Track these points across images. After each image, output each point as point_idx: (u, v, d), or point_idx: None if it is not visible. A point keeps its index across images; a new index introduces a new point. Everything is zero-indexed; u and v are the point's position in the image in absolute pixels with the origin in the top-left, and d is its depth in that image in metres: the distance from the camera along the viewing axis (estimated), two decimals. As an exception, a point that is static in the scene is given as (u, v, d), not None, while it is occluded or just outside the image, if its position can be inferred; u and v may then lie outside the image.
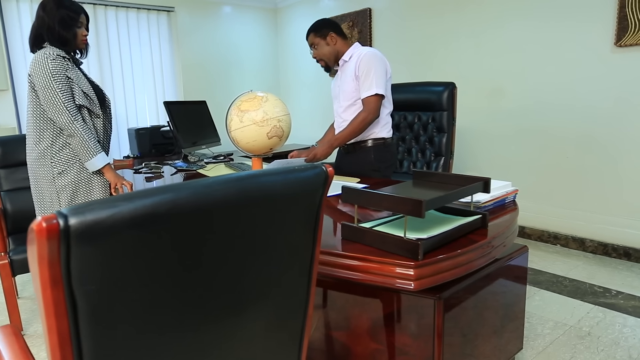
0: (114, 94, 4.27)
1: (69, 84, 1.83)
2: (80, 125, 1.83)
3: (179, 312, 0.71)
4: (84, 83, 1.90)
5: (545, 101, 3.10)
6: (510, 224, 1.37)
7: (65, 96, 1.81)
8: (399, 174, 2.72)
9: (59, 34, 1.85)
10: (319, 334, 1.48)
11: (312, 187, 0.85)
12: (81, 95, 1.86)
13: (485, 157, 3.50)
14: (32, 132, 1.87)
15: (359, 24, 4.29)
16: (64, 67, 1.83)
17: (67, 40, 1.87)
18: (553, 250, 3.08)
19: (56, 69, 1.80)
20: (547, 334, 2.01)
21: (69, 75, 1.84)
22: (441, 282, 1.11)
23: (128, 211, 0.60)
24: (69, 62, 1.88)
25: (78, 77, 1.88)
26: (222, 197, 0.70)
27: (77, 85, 1.85)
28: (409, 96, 2.76)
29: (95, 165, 1.87)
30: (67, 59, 1.87)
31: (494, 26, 3.32)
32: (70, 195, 1.89)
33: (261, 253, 0.81)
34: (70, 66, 1.87)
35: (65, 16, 1.86)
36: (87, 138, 1.83)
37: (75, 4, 1.93)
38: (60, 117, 1.80)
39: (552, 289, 2.46)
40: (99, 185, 1.95)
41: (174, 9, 4.51)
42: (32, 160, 1.89)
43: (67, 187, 1.88)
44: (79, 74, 1.91)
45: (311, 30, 2.16)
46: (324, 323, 1.46)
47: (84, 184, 1.91)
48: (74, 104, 1.84)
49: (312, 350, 1.51)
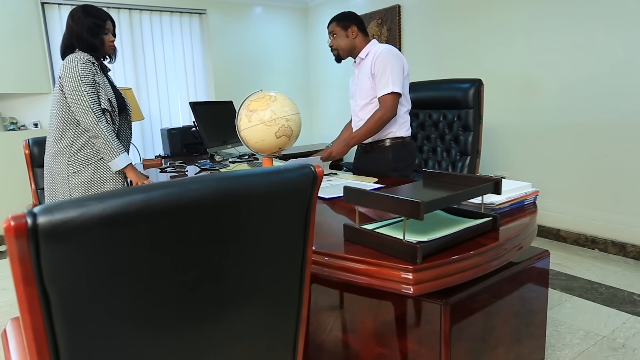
0: (149, 95, 4.42)
1: (96, 88, 1.91)
2: (105, 127, 1.90)
3: (156, 311, 0.71)
4: (108, 89, 1.98)
5: (581, 97, 2.93)
6: (526, 227, 1.30)
7: (92, 99, 1.89)
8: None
9: (88, 41, 1.94)
10: (327, 336, 1.47)
11: (299, 187, 0.84)
12: (106, 101, 1.94)
13: (518, 156, 3.35)
14: (54, 131, 1.96)
15: (388, 21, 4.22)
16: (92, 72, 1.91)
17: (96, 47, 1.96)
18: (590, 255, 2.91)
19: (85, 73, 1.88)
20: (576, 344, 1.90)
21: (96, 80, 1.92)
22: (443, 287, 1.06)
23: (98, 211, 0.61)
24: (97, 68, 1.96)
25: (104, 83, 1.97)
26: (197, 198, 0.70)
27: (103, 91, 1.93)
28: (434, 94, 2.68)
29: (118, 165, 1.94)
30: (95, 64, 1.95)
31: (527, 20, 3.17)
32: (82, 195, 1.97)
33: (247, 253, 0.80)
34: (98, 72, 1.95)
35: (92, 24, 1.94)
36: (110, 139, 1.91)
37: (101, 11, 2.02)
38: (86, 118, 1.88)
39: (586, 296, 2.32)
40: (110, 187, 2.01)
41: (206, 12, 4.61)
42: (50, 156, 1.98)
43: (80, 186, 1.96)
44: (105, 80, 2.00)
45: (334, 19, 2.14)
46: (332, 325, 1.44)
47: (96, 185, 1.98)
48: (99, 107, 1.92)
49: (319, 352, 1.49)
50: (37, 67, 3.75)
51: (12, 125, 3.71)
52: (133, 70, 4.29)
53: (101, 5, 3.99)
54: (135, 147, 3.81)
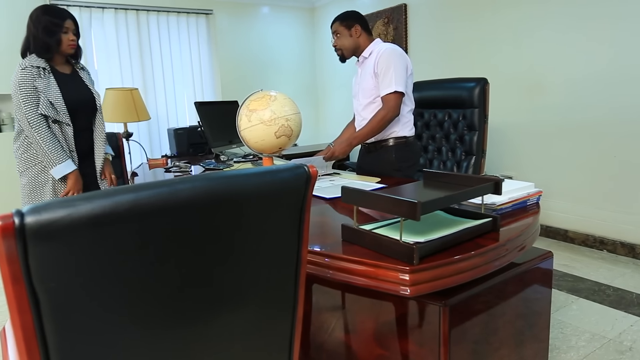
0: (156, 95, 4.44)
1: (34, 93, 1.88)
2: (40, 135, 1.89)
3: (147, 311, 0.71)
4: (52, 92, 1.92)
5: (590, 96, 2.89)
6: (528, 228, 1.28)
7: (27, 105, 1.88)
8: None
9: (43, 41, 1.91)
10: (328, 336, 1.46)
11: (292, 187, 0.83)
12: (46, 105, 1.90)
13: (525, 156, 3.32)
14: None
15: (394, 20, 4.20)
16: (31, 77, 1.88)
17: (50, 46, 1.92)
18: (598, 256, 2.87)
19: (23, 79, 1.86)
20: (581, 346, 1.87)
21: (36, 85, 1.88)
22: (442, 289, 1.05)
23: (86, 211, 0.61)
24: (43, 72, 1.91)
25: (47, 87, 1.91)
26: (188, 197, 0.70)
27: (44, 95, 1.89)
28: (439, 93, 2.66)
29: (58, 173, 1.95)
30: (40, 68, 1.91)
31: (534, 18, 3.13)
32: (27, 196, 2.01)
33: (239, 253, 0.80)
34: (43, 75, 1.91)
35: (48, 23, 1.91)
36: (46, 147, 1.90)
37: (62, 10, 1.98)
38: (23, 124, 1.91)
39: (593, 298, 2.29)
40: (49, 194, 2.01)
41: (212, 12, 4.63)
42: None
43: (24, 187, 2.01)
44: (50, 83, 1.93)
45: (337, 19, 2.13)
46: (333, 325, 1.44)
47: (36, 189, 2.01)
48: (36, 113, 1.89)
49: (319, 352, 1.49)
50: (46, 67, 3.79)
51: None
52: (140, 70, 4.32)
53: (107, 6, 4.04)
54: (142, 147, 3.83)
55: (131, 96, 3.45)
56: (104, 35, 4.12)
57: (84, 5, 3.98)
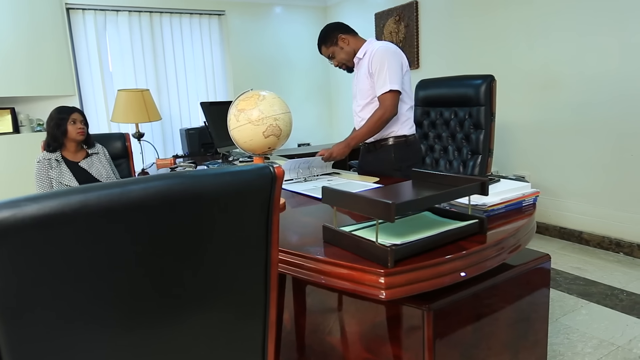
0: (169, 96, 4.51)
1: (49, 182, 2.20)
2: None
3: (101, 311, 0.71)
4: (66, 177, 2.22)
5: (604, 93, 2.78)
6: (517, 230, 1.23)
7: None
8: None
9: (52, 133, 2.23)
10: (316, 339, 1.45)
11: (256, 188, 0.82)
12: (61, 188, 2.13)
13: (539, 155, 3.22)
14: None
15: (405, 18, 4.15)
16: (45, 168, 2.20)
17: (57, 137, 2.23)
18: (614, 258, 2.76)
19: (39, 170, 2.20)
20: (587, 353, 1.80)
21: (50, 175, 2.20)
22: (419, 292, 1.02)
23: (32, 211, 0.61)
24: (55, 162, 2.23)
25: (60, 174, 2.22)
26: (140, 198, 0.69)
27: (57, 181, 2.20)
28: (445, 91, 2.61)
29: None
30: (53, 160, 2.22)
31: (547, 15, 3.04)
32: None
33: (201, 254, 0.79)
34: (55, 165, 2.22)
35: (57, 119, 2.23)
36: None
37: (70, 107, 2.30)
38: None
39: (604, 303, 2.20)
40: None
41: (225, 13, 4.66)
42: None
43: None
44: (62, 170, 2.23)
45: (320, 44, 2.12)
46: (321, 327, 1.42)
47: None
48: None
49: (307, 355, 1.47)
50: (63, 70, 3.89)
51: (39, 126, 3.87)
52: (154, 71, 4.38)
53: (121, 9, 4.11)
54: (154, 147, 3.90)
55: (142, 97, 3.51)
56: (119, 38, 4.21)
57: (99, 8, 4.07)
